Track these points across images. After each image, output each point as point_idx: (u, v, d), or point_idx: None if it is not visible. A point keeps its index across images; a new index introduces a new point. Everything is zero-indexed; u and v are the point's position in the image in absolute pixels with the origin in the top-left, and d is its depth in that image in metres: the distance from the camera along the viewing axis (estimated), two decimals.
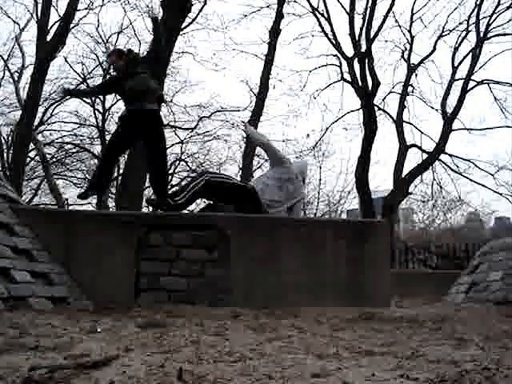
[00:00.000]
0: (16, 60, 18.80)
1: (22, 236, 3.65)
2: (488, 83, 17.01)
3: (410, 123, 17.82)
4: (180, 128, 19.19)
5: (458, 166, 17.29)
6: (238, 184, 5.09)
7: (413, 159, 28.72)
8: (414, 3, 16.82)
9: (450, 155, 17.29)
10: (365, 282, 4.01)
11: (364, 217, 14.43)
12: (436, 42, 16.98)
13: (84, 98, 16.66)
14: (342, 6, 15.67)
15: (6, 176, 12.93)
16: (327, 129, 17.89)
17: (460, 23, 16.89)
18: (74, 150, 19.24)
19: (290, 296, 3.86)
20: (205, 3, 14.90)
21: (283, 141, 19.85)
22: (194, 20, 15.22)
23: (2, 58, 18.40)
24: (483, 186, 17.26)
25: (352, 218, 20.67)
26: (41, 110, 16.99)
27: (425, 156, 17.18)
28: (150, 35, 15.68)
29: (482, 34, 16.20)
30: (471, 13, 16.26)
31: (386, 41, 17.94)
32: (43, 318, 2.66)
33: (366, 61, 14.84)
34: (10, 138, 18.90)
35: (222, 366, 1.62)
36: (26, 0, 17.70)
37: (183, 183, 5.19)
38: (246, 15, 16.83)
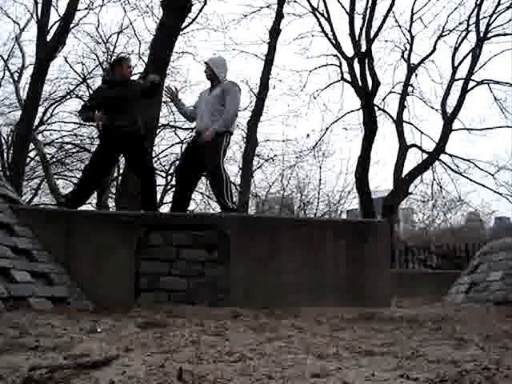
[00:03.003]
0: (16, 60, 18.83)
1: (22, 236, 3.65)
2: (488, 83, 17.03)
3: (410, 123, 17.86)
4: (180, 128, 19.20)
5: (458, 166, 17.33)
6: None
7: (413, 159, 28.81)
8: (414, 3, 16.86)
9: (450, 155, 17.32)
10: (365, 282, 4.01)
11: (364, 217, 14.43)
12: (436, 41, 17.02)
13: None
14: (342, 6, 15.69)
15: (6, 176, 12.94)
16: (327, 129, 17.94)
17: (460, 23, 16.93)
18: (74, 150, 19.22)
19: (290, 296, 3.86)
20: (205, 3, 14.89)
21: (283, 141, 19.91)
22: (194, 20, 15.21)
23: (2, 58, 18.41)
24: (483, 186, 17.30)
25: (352, 218, 20.68)
26: (41, 109, 16.99)
27: (425, 156, 17.21)
28: (150, 35, 15.70)
29: (482, 34, 16.22)
30: (471, 13, 16.29)
31: (386, 41, 18.00)
32: (43, 317, 2.66)
33: (366, 61, 14.84)
34: (9, 138, 18.91)
35: (222, 365, 1.62)
36: (25, 0, 17.74)
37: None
38: (246, 15, 16.83)
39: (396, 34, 40.48)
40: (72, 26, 14.06)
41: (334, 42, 15.77)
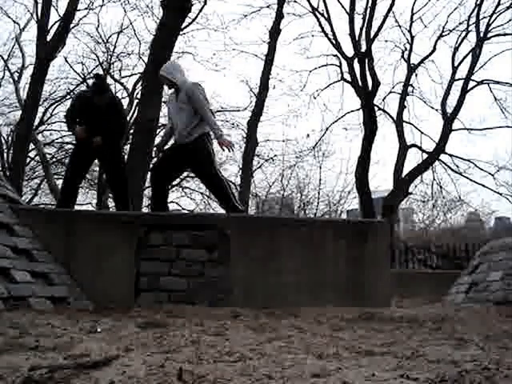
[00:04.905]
0: (16, 60, 18.86)
1: (21, 236, 3.65)
2: (488, 83, 17.04)
3: (410, 123, 17.88)
4: None
5: (458, 166, 17.35)
6: None
7: (413, 159, 28.83)
8: (414, 3, 16.86)
9: (450, 155, 17.33)
10: (365, 282, 4.01)
11: (364, 217, 14.43)
12: (436, 41, 17.02)
13: None
14: (342, 6, 15.69)
15: (6, 176, 12.93)
16: (327, 129, 17.97)
17: (460, 23, 16.95)
18: None
19: (290, 296, 3.86)
20: (205, 3, 14.91)
21: (283, 141, 19.92)
22: (194, 20, 15.23)
23: (2, 58, 18.43)
24: (483, 186, 17.31)
25: (352, 218, 20.67)
26: (41, 110, 17.01)
27: (425, 156, 17.22)
28: (150, 35, 15.70)
29: (482, 34, 16.22)
30: (471, 13, 16.30)
31: (386, 41, 17.98)
32: (43, 317, 2.66)
33: (366, 61, 14.83)
34: (9, 138, 18.92)
35: (222, 365, 1.62)
36: (25, 0, 17.76)
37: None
38: (246, 15, 16.88)
39: (396, 34, 40.53)
40: (72, 26, 14.07)
41: (333, 42, 15.77)
